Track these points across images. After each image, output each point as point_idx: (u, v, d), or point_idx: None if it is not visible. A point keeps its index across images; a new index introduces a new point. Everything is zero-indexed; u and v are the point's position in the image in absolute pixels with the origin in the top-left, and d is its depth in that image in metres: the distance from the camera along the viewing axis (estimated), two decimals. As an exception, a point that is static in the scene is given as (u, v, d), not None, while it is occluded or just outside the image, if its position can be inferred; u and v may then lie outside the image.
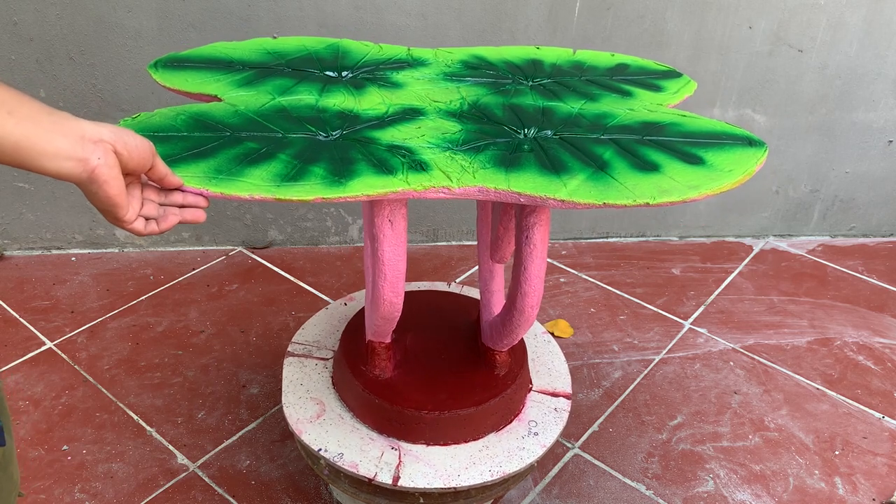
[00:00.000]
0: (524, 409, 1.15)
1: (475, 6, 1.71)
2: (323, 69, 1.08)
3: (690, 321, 1.78)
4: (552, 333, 1.68)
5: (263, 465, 1.35)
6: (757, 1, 1.79)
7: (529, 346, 1.27)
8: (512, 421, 1.13)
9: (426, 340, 1.18)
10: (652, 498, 1.33)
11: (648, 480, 1.36)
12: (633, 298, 1.85)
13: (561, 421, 1.13)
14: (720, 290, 1.91)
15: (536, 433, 1.11)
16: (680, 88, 1.10)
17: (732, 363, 1.65)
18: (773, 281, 1.96)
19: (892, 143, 2.03)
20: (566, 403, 1.17)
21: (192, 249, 1.94)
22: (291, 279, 1.85)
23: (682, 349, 1.69)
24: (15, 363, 1.54)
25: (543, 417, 1.14)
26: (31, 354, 1.56)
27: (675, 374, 1.61)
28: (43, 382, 1.49)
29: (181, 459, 1.35)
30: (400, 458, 1.05)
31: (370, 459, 1.04)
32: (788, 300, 1.88)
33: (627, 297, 1.86)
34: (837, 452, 1.44)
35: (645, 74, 1.15)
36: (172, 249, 1.94)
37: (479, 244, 1.23)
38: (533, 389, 1.19)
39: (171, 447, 1.37)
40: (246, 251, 1.95)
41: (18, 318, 1.66)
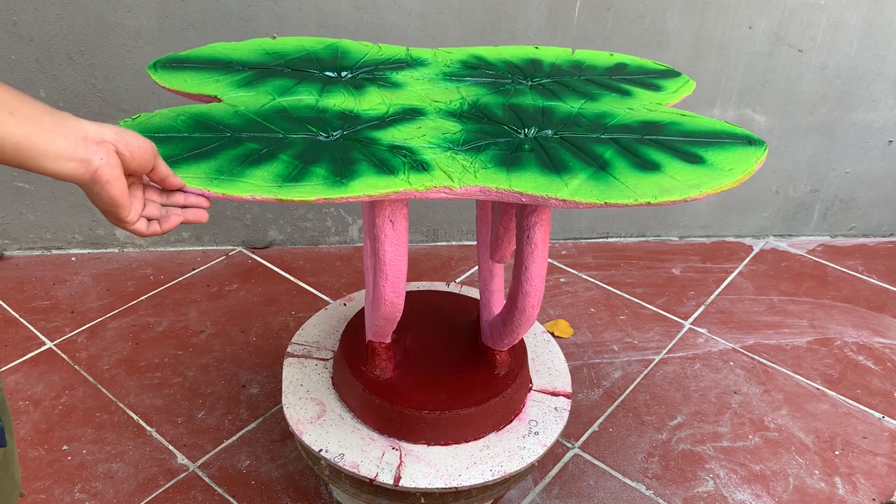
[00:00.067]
0: (524, 408, 1.15)
1: (475, 6, 1.72)
2: (322, 69, 1.08)
3: (690, 321, 1.78)
4: (552, 333, 1.68)
5: (263, 465, 1.35)
6: (757, 1, 1.79)
7: (529, 345, 1.27)
8: (512, 420, 1.13)
9: (426, 340, 1.18)
10: (652, 498, 1.33)
11: (648, 480, 1.37)
12: (633, 298, 1.85)
13: (561, 420, 1.13)
14: (720, 290, 1.91)
15: (537, 432, 1.11)
16: (679, 88, 1.10)
17: (732, 363, 1.65)
18: (773, 281, 1.96)
19: (892, 143, 2.03)
20: (566, 403, 1.17)
21: (192, 249, 1.94)
22: (291, 279, 1.85)
23: (682, 349, 1.69)
24: (15, 363, 1.54)
25: (544, 417, 1.14)
26: (31, 354, 1.56)
27: (675, 374, 1.61)
28: (43, 382, 1.49)
29: (181, 459, 1.35)
30: (401, 458, 1.05)
31: (371, 460, 1.05)
32: (788, 300, 1.88)
33: (627, 297, 1.86)
34: (837, 452, 1.44)
35: (644, 74, 1.15)
36: (172, 249, 1.93)
37: (478, 244, 1.23)
38: (533, 389, 1.19)
39: (171, 447, 1.37)
40: (246, 251, 1.95)
41: (18, 318, 1.66)
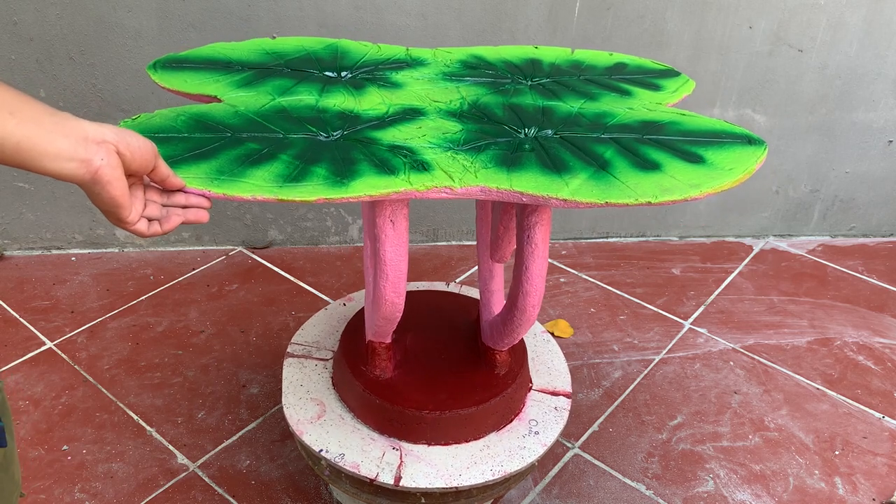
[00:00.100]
0: (524, 408, 1.15)
1: (475, 6, 1.72)
2: (322, 69, 1.08)
3: (690, 321, 1.78)
4: (552, 333, 1.68)
5: (263, 464, 1.35)
6: (757, 1, 1.79)
7: (529, 345, 1.27)
8: (512, 420, 1.13)
9: (426, 340, 1.18)
10: (652, 498, 1.33)
11: (648, 480, 1.37)
12: (633, 298, 1.85)
13: (561, 420, 1.13)
14: (720, 290, 1.91)
15: (537, 432, 1.11)
16: (678, 87, 1.10)
17: (732, 363, 1.65)
18: (773, 281, 1.96)
19: (892, 143, 2.04)
20: (566, 402, 1.17)
21: (192, 249, 1.94)
22: (291, 279, 1.85)
23: (682, 349, 1.69)
24: (15, 363, 1.54)
25: (544, 416, 1.14)
26: (31, 354, 1.56)
27: (675, 374, 1.61)
28: (43, 382, 1.49)
29: (181, 459, 1.35)
30: (401, 458, 1.05)
31: (371, 460, 1.05)
32: (788, 300, 1.88)
33: (627, 297, 1.86)
34: (837, 452, 1.44)
35: (643, 73, 1.15)
36: (172, 249, 1.93)
37: (478, 244, 1.23)
38: (533, 389, 1.19)
39: (171, 447, 1.37)
40: (246, 251, 1.95)
41: (18, 318, 1.66)
